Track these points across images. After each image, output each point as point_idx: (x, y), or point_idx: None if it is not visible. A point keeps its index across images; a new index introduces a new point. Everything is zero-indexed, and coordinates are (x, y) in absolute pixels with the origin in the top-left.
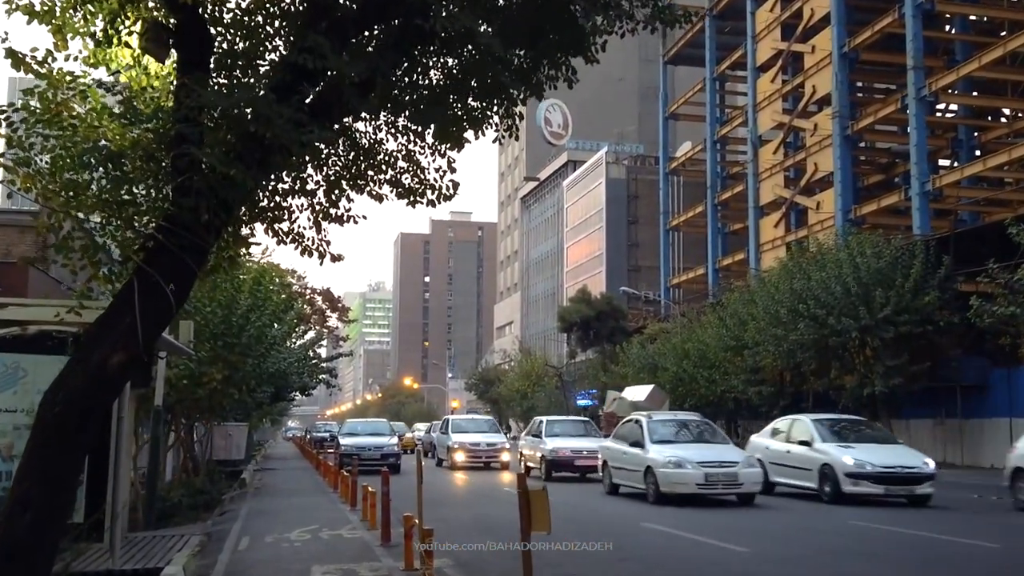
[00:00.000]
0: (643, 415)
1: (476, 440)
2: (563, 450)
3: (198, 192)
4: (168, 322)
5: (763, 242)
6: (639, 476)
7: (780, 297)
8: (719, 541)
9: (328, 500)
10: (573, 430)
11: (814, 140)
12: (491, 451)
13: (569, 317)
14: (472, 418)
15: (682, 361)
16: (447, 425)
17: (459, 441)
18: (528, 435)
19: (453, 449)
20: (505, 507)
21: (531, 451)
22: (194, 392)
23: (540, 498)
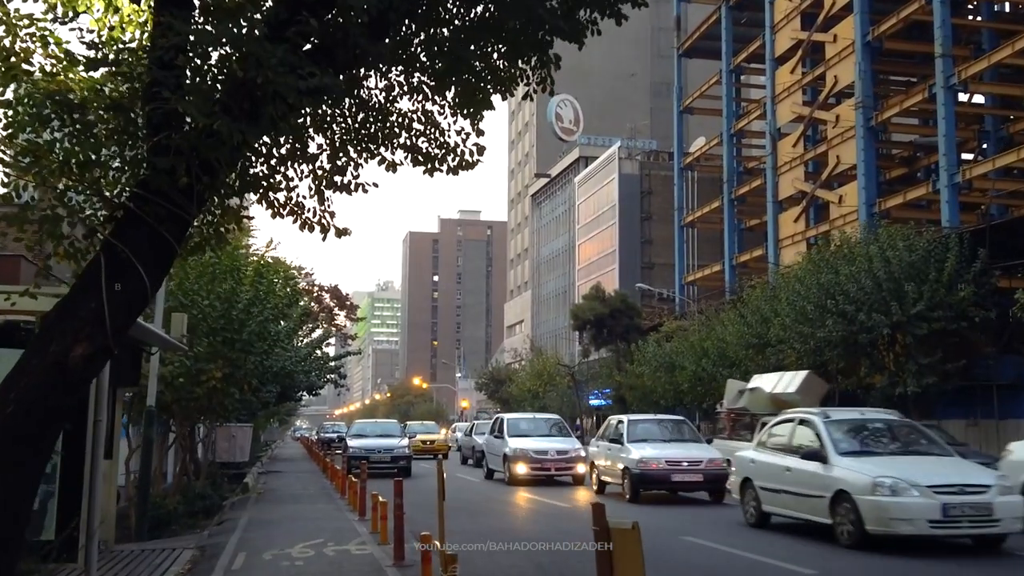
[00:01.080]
0: (814, 414)
1: (542, 447)
2: (655, 461)
3: (176, 151)
4: (143, 307)
5: (782, 237)
6: (819, 505)
7: (806, 292)
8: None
9: (335, 508)
10: (663, 433)
11: (836, 132)
12: (562, 461)
13: (582, 315)
14: (534, 417)
15: (701, 359)
16: (501, 426)
17: (520, 448)
18: (601, 440)
19: (512, 458)
20: (569, 534)
21: (607, 461)
22: (192, 391)
23: (629, 543)
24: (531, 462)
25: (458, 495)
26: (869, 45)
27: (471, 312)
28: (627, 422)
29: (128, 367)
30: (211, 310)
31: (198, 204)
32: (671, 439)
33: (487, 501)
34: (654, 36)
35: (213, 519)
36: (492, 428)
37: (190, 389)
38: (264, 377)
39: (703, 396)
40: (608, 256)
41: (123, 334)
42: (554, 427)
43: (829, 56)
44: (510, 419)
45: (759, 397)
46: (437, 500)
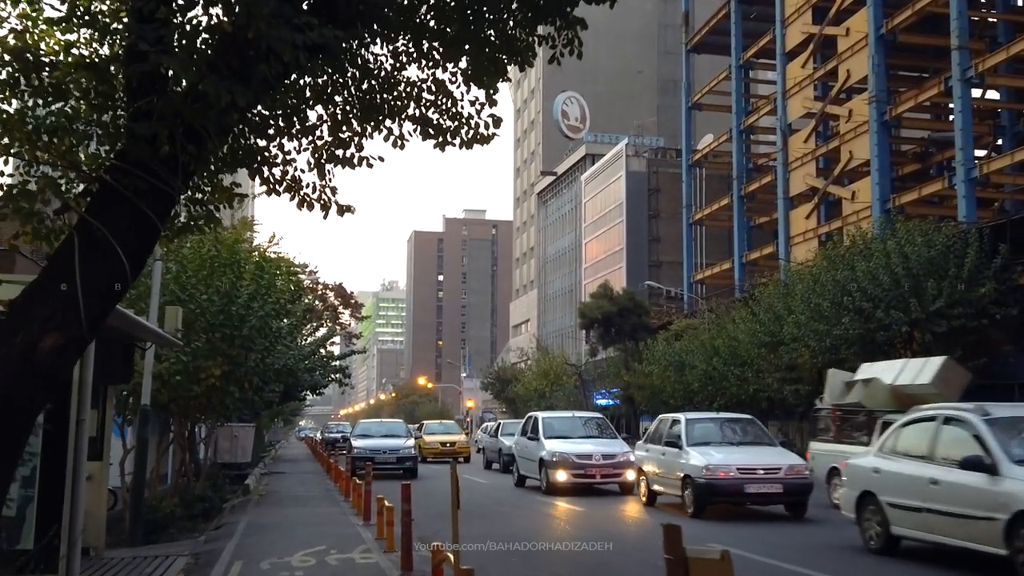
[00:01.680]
0: (967, 411)
1: (585, 450)
2: (724, 468)
3: (159, 116)
4: (122, 293)
5: (793, 235)
6: (988, 529)
7: (822, 289)
8: None
9: (339, 511)
10: (730, 434)
11: (849, 127)
12: (609, 467)
13: (590, 313)
14: (573, 415)
15: (711, 358)
16: (535, 426)
17: (559, 451)
18: (651, 443)
19: (551, 463)
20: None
21: (659, 468)
22: (190, 389)
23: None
24: (572, 468)
25: (479, 504)
26: (883, 38)
27: (476, 312)
28: (685, 422)
29: (119, 363)
30: (210, 305)
31: (184, 178)
32: (740, 442)
33: (516, 510)
34: (661, 33)
35: (212, 522)
36: (524, 428)
37: (188, 387)
38: (266, 376)
39: (714, 395)
40: (615, 254)
41: (100, 323)
42: (597, 427)
43: (841, 50)
44: (546, 418)
45: (876, 390)
46: (451, 509)
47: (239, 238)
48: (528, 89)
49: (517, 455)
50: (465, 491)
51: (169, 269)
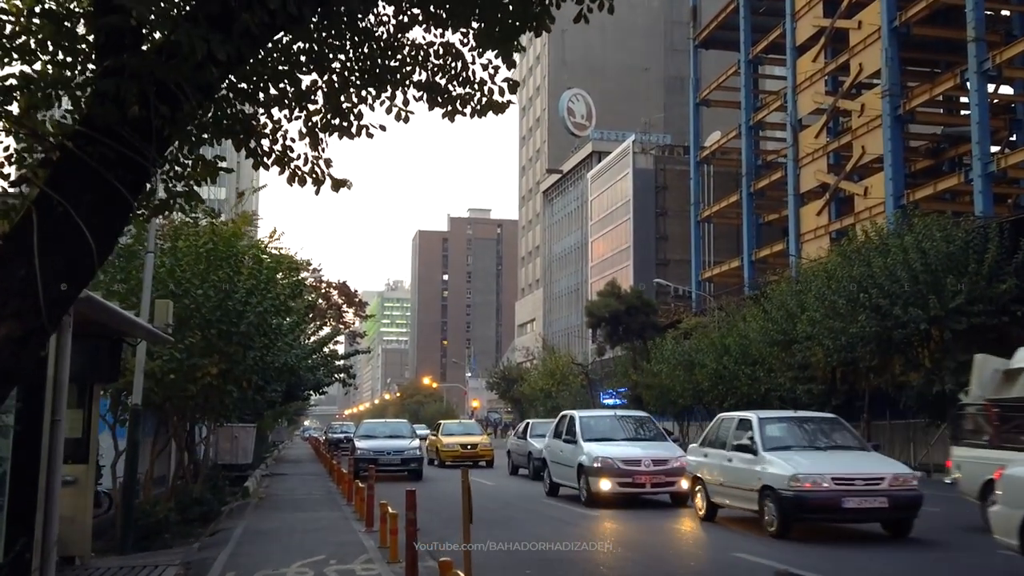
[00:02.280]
0: None
1: (633, 454)
2: (817, 479)
3: (129, 74)
4: (88, 278)
5: (804, 231)
6: None
7: (837, 286)
8: None
9: (340, 516)
10: (813, 436)
11: (861, 121)
12: (660, 474)
13: (597, 312)
14: (615, 415)
15: (722, 357)
16: (572, 426)
17: (603, 456)
18: (710, 447)
19: (592, 470)
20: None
21: (724, 477)
22: (185, 388)
23: None
24: (618, 475)
25: (500, 515)
26: (896, 31)
27: (481, 311)
28: (758, 422)
29: (106, 361)
30: (205, 300)
31: (159, 147)
32: (826, 446)
33: (545, 522)
34: (667, 30)
35: (209, 527)
36: (556, 429)
37: (183, 386)
38: (265, 374)
39: (724, 395)
40: (622, 252)
41: (61, 311)
42: (642, 427)
43: (853, 43)
44: (584, 417)
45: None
46: (463, 522)
47: (237, 231)
48: (533, 87)
49: (549, 460)
50: (487, 500)
51: (163, 263)
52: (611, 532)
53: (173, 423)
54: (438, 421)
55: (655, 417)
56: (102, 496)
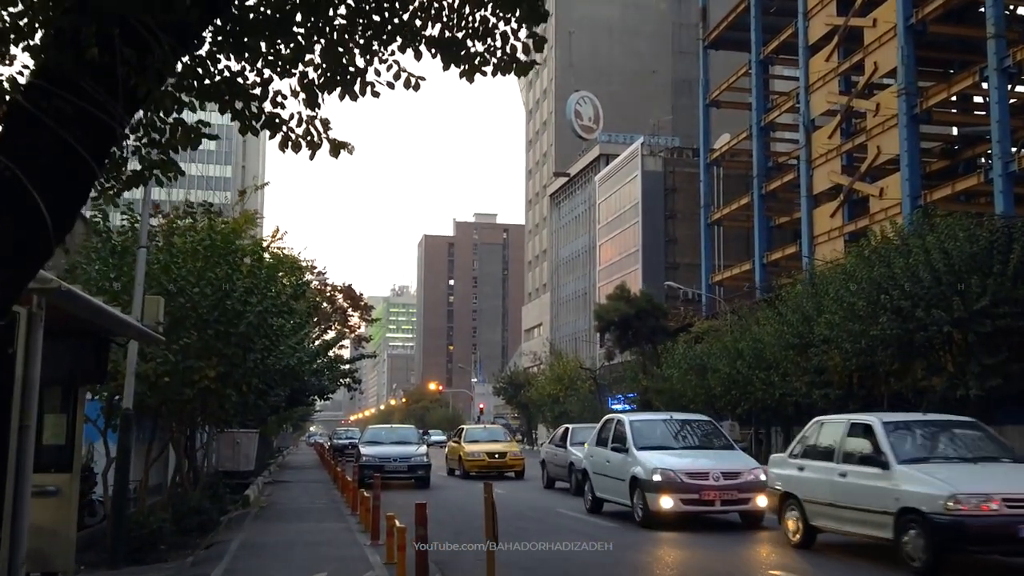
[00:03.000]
0: None
1: (699, 466)
2: (982, 500)
3: (90, 10)
4: (44, 256)
5: (818, 234)
6: None
7: (856, 288)
8: None
9: (344, 528)
10: (949, 445)
11: (876, 121)
12: (733, 489)
13: (607, 315)
14: (670, 418)
15: (735, 361)
16: (622, 432)
17: (663, 468)
18: (802, 457)
19: (651, 484)
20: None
21: (834, 495)
22: (181, 392)
23: None
24: (682, 491)
25: (537, 535)
26: (912, 28)
27: (487, 316)
28: (882, 426)
29: (90, 361)
30: (202, 299)
31: (127, 104)
32: (976, 456)
33: (594, 550)
34: (675, 32)
35: (207, 538)
36: (599, 435)
37: (179, 390)
38: (267, 378)
39: (737, 400)
40: (631, 256)
41: (11, 298)
42: (707, 434)
43: (868, 42)
44: (636, 422)
45: None
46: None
47: (237, 227)
48: (540, 89)
49: (591, 471)
50: (514, 516)
51: (157, 259)
52: (685, 565)
53: (172, 429)
54: (460, 427)
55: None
56: (97, 505)
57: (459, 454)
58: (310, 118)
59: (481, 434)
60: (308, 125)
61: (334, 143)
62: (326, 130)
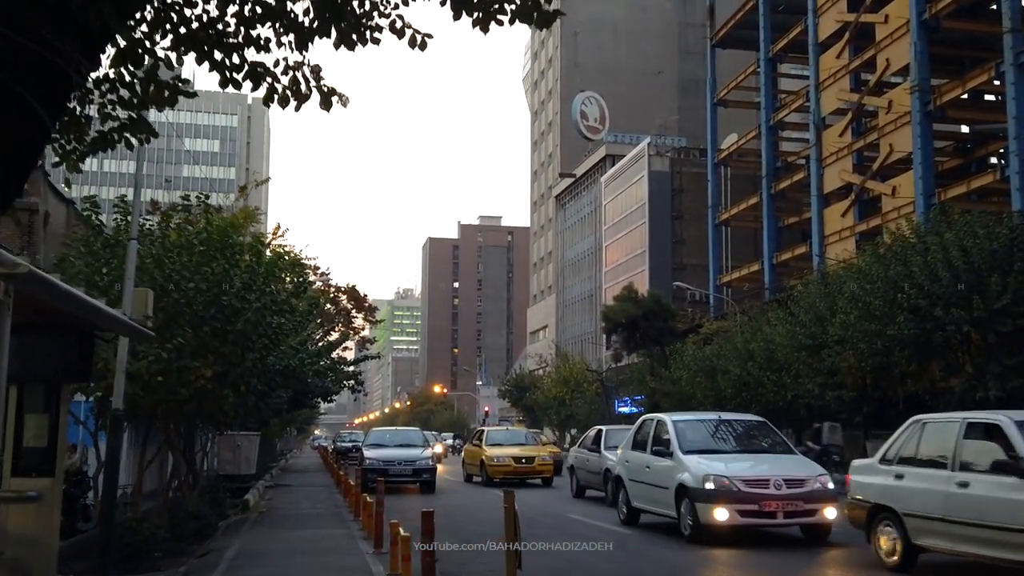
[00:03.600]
0: None
1: (758, 473)
2: None
3: None
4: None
5: (828, 233)
6: None
7: (873, 287)
8: None
9: (346, 535)
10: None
11: (888, 119)
12: (797, 499)
13: (614, 317)
14: (719, 419)
15: (746, 363)
16: (664, 434)
17: (716, 475)
18: (915, 463)
19: (702, 494)
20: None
21: (957, 509)
22: (176, 392)
23: None
24: (739, 501)
25: (567, 553)
26: (925, 24)
27: (492, 319)
28: (1014, 426)
29: (74, 357)
30: (197, 294)
31: (86, 51)
32: None
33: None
34: (681, 32)
35: (204, 544)
36: (636, 438)
37: (174, 390)
38: (266, 378)
39: (748, 402)
40: (637, 257)
41: None
42: (761, 436)
43: (880, 38)
44: (680, 422)
45: None
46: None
47: (235, 222)
48: (546, 90)
49: (626, 478)
50: (536, 526)
51: (150, 252)
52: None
53: (170, 431)
54: (479, 429)
55: None
56: (91, 510)
57: (480, 459)
58: (297, 64)
59: (504, 436)
60: (295, 72)
61: (325, 92)
62: (317, 78)
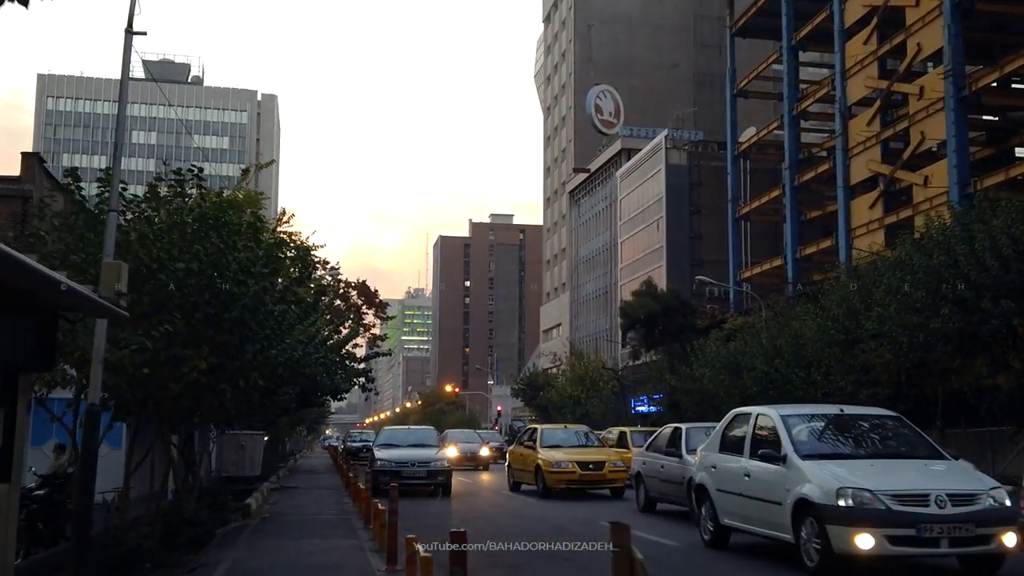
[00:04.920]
0: None
1: (912, 486)
2: None
3: None
4: None
5: (856, 226)
6: None
7: (913, 279)
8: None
9: (355, 547)
10: None
11: (920, 106)
12: (970, 520)
13: (633, 312)
14: (840, 413)
15: (773, 359)
16: (772, 433)
17: (858, 488)
18: None
19: (841, 515)
20: None
21: None
22: (166, 387)
23: None
24: (888, 523)
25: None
26: (959, 6)
27: (503, 318)
28: None
29: (32, 341)
30: (188, 276)
31: None
32: None
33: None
34: (697, 25)
35: (199, 555)
36: (726, 438)
37: (164, 383)
38: (269, 372)
39: (774, 400)
40: (654, 253)
41: None
42: (901, 438)
43: (911, 22)
44: (790, 417)
45: None
46: None
47: (234, 199)
48: (559, 85)
49: (713, 488)
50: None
51: (135, 229)
52: None
53: (164, 429)
54: (532, 427)
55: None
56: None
57: (535, 463)
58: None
59: (562, 436)
60: None
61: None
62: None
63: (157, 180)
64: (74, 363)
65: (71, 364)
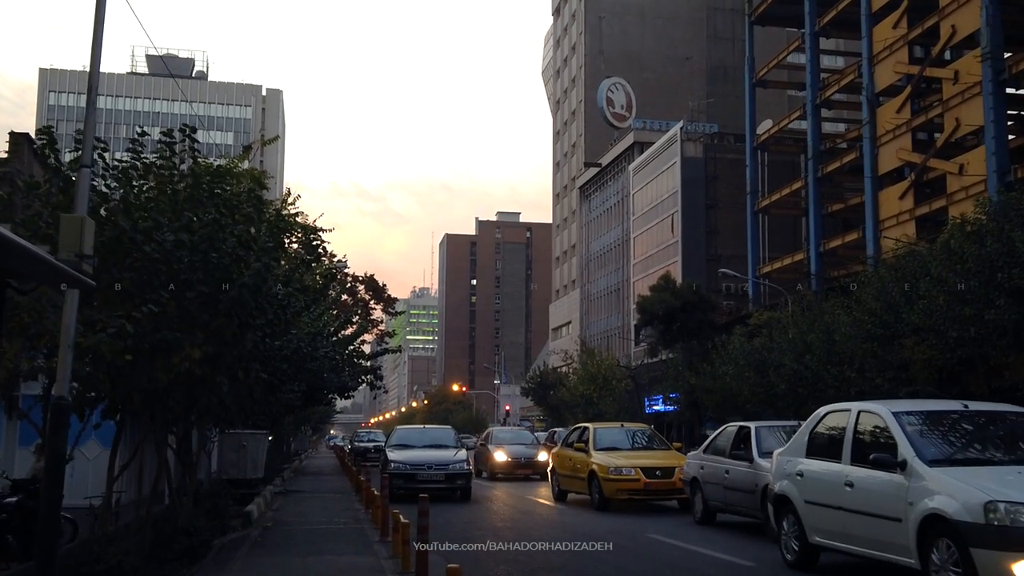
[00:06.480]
0: None
1: None
2: None
3: None
4: None
5: (884, 217)
6: None
7: (964, 268)
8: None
9: (373, 565)
10: None
11: (955, 91)
12: None
13: (651, 308)
14: (965, 409)
15: (803, 356)
16: (884, 434)
17: (1013, 501)
18: None
19: (992, 537)
20: None
21: None
22: (153, 378)
23: None
24: None
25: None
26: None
27: (510, 317)
28: None
29: None
30: (179, 248)
31: None
32: None
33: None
34: (710, 16)
35: (195, 567)
36: (814, 439)
37: (150, 374)
38: (272, 365)
39: (804, 399)
40: (669, 248)
41: None
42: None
43: (944, 4)
44: (907, 415)
45: None
46: None
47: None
48: (569, 78)
49: (798, 498)
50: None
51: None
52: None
53: (155, 428)
54: (582, 426)
55: (710, 424)
56: (64, 523)
57: (589, 468)
58: None
59: (620, 436)
60: None
61: None
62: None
63: (140, 136)
64: (40, 349)
65: (36, 350)
